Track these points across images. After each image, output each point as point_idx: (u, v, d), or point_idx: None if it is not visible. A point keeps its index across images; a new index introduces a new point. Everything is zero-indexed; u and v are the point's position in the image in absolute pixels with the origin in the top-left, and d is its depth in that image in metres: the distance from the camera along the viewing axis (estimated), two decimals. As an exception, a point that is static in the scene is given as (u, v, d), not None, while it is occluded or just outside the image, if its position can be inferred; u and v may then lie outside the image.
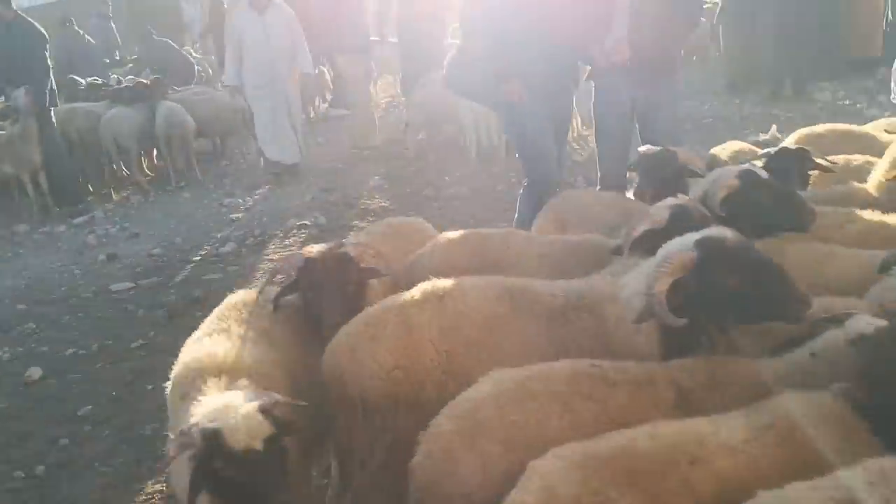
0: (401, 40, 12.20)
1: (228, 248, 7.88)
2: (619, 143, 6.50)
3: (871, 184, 4.31)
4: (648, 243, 3.51)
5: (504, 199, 8.85)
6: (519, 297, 3.26)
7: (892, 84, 7.90)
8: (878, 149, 5.33)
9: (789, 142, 5.79)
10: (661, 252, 2.93)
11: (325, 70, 14.06)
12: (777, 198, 3.74)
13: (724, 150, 5.87)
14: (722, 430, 2.34)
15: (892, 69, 7.73)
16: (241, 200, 9.75)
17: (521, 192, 6.12)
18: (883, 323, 2.69)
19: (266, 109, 10.15)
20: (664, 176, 4.72)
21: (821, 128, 5.83)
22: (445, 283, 3.37)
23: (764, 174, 3.81)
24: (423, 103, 10.83)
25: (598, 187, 6.75)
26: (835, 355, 2.66)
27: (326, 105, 15.14)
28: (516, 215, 6.18)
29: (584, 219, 4.50)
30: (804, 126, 10.72)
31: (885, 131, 5.61)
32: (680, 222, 3.47)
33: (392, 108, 14.61)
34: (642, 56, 5.96)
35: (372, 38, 12.26)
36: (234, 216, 9.06)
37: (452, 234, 4.22)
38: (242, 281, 6.91)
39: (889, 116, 7.48)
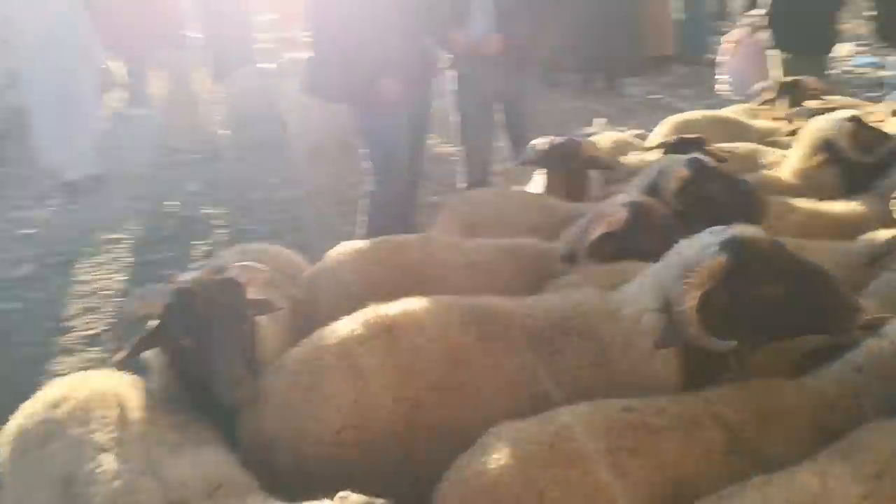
0: (207, 35, 11.03)
1: (25, 270, 6.44)
2: (484, 136, 6.09)
3: (787, 171, 4.12)
4: (608, 247, 3.02)
5: (348, 201, 8.09)
6: (487, 321, 2.61)
7: (723, 76, 8.10)
8: (751, 135, 5.25)
9: (663, 130, 5.60)
10: (675, 258, 2.40)
11: (112, 65, 12.37)
12: (730, 188, 3.39)
13: (601, 140, 5.55)
14: (830, 485, 1.84)
15: (722, 63, 7.90)
16: (31, 213, 8.14)
17: (368, 195, 5.52)
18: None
19: (48, 108, 8.53)
20: (571, 168, 4.27)
21: (694, 114, 5.70)
22: (390, 310, 2.64)
23: (711, 162, 3.45)
24: (238, 100, 9.77)
25: (461, 185, 6.29)
26: (885, 369, 2.28)
27: (121, 103, 13.37)
28: (366, 220, 5.57)
29: (498, 221, 3.92)
30: (622, 119, 11.16)
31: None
32: (642, 221, 3.01)
33: (203, 106, 13.21)
34: (511, 45, 5.60)
35: (185, 33, 10.96)
36: (25, 232, 7.51)
37: (357, 245, 3.47)
38: (51, 309, 5.61)
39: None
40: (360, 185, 7.99)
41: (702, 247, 2.34)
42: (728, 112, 5.73)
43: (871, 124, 3.95)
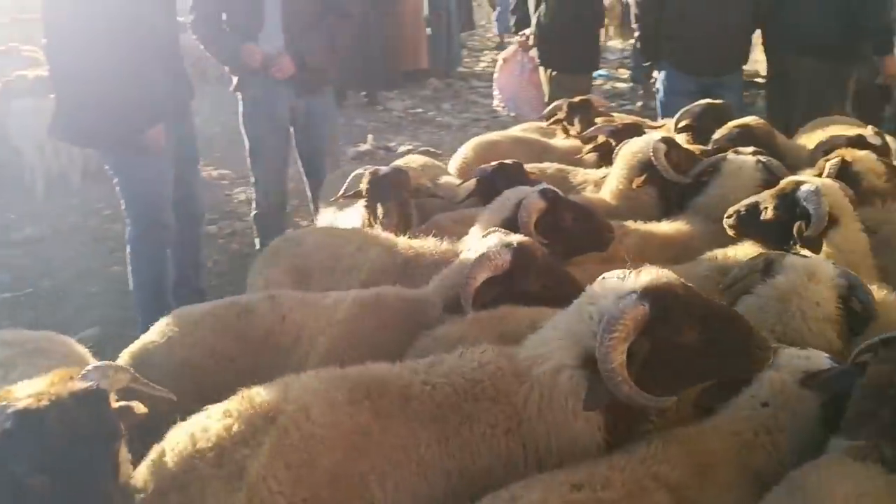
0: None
1: None
2: (279, 160, 5.73)
3: (608, 193, 4.19)
4: (491, 293, 2.82)
5: (106, 238, 7.16)
6: (380, 395, 2.27)
7: (495, 92, 8.30)
8: (553, 155, 5.36)
9: (465, 151, 5.53)
10: (588, 309, 2.24)
11: None
12: (581, 217, 3.35)
13: (409, 163, 5.35)
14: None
15: (495, 80, 8.10)
16: None
17: (131, 241, 4.98)
18: (809, 353, 2.45)
19: None
20: (402, 199, 4.02)
21: (497, 135, 5.70)
22: (266, 395, 2.21)
23: (559, 192, 3.38)
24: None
25: (254, 211, 5.84)
26: (790, 402, 2.30)
27: None
28: (131, 268, 5.05)
29: (335, 265, 3.55)
30: (389, 134, 11.12)
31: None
32: (525, 264, 2.85)
33: None
34: (303, 64, 5.30)
35: None
36: None
37: (190, 314, 2.94)
38: None
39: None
40: (112, 218, 7.10)
41: (617, 296, 2.20)
42: (526, 132, 5.80)
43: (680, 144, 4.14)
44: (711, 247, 3.66)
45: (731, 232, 3.47)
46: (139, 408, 2.18)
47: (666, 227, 3.81)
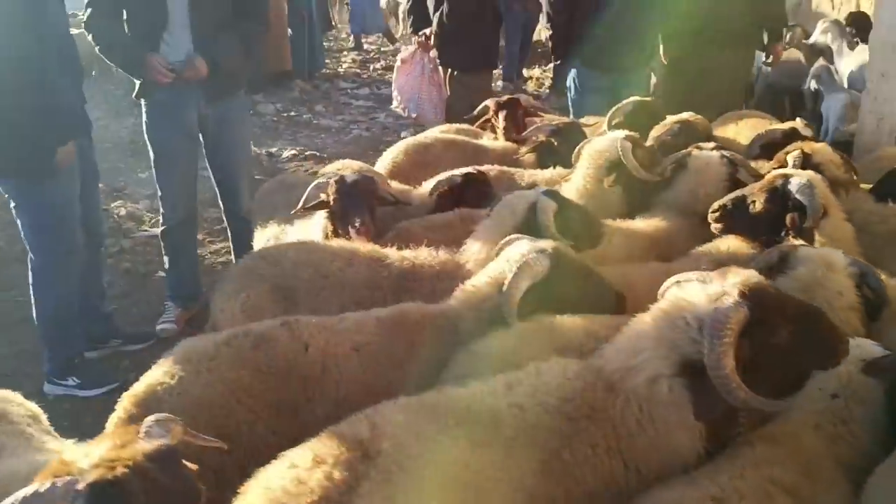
0: None
1: None
2: (188, 170, 5.31)
3: (573, 193, 4.14)
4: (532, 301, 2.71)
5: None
6: (468, 421, 2.10)
7: (395, 94, 8.11)
8: (488, 157, 5.28)
9: (396, 154, 5.34)
10: (678, 313, 2.16)
11: None
12: (581, 215, 3.32)
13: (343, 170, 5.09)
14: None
15: (394, 81, 7.93)
16: None
17: (36, 271, 4.56)
18: (857, 342, 2.51)
19: None
20: (371, 206, 3.80)
21: (428, 137, 5.53)
22: (347, 432, 2.01)
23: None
24: None
25: (161, 227, 5.37)
26: (859, 391, 2.35)
27: None
28: (35, 299, 4.60)
29: (324, 283, 3.28)
30: (268, 138, 10.62)
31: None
32: (561, 267, 2.74)
33: None
34: (220, 66, 4.92)
35: None
36: None
37: (204, 347, 2.61)
38: None
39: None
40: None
41: (709, 298, 2.15)
42: (451, 134, 5.68)
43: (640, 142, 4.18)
44: (690, 242, 3.73)
45: (715, 226, 3.53)
46: (191, 465, 1.88)
47: (644, 224, 3.83)
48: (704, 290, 2.19)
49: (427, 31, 7.36)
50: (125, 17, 4.90)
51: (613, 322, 2.62)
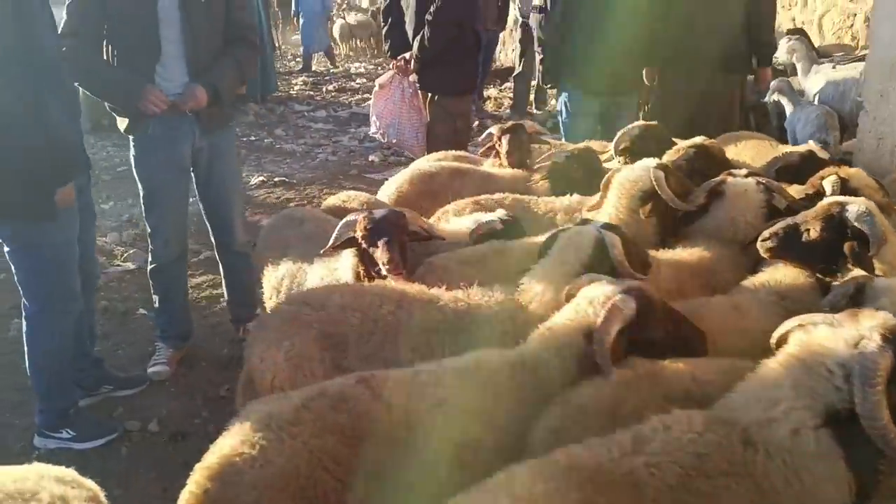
0: None
1: None
2: (180, 206, 5.06)
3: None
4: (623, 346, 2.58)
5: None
6: (605, 484, 1.94)
7: (373, 119, 7.93)
8: (497, 185, 5.12)
9: (401, 183, 5.17)
10: (815, 359, 2.05)
11: None
12: (632, 248, 3.22)
13: (349, 200, 4.90)
14: None
15: (371, 107, 7.74)
16: None
17: (30, 318, 4.24)
18: None
19: None
20: (402, 242, 3.62)
21: (433, 166, 5.36)
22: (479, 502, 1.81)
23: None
24: None
25: (151, 265, 5.08)
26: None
27: None
28: (28, 347, 4.27)
29: (375, 328, 3.08)
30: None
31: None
32: (647, 309, 2.62)
33: None
34: (220, 95, 4.73)
35: None
36: None
37: (274, 411, 2.38)
38: None
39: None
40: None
41: (846, 343, 2.05)
42: (452, 161, 5.54)
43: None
44: (732, 271, 3.67)
45: (766, 255, 3.46)
46: None
47: (686, 254, 3.74)
48: (838, 334, 2.08)
49: (407, 55, 7.20)
50: (114, 51, 4.62)
51: (715, 366, 2.50)
